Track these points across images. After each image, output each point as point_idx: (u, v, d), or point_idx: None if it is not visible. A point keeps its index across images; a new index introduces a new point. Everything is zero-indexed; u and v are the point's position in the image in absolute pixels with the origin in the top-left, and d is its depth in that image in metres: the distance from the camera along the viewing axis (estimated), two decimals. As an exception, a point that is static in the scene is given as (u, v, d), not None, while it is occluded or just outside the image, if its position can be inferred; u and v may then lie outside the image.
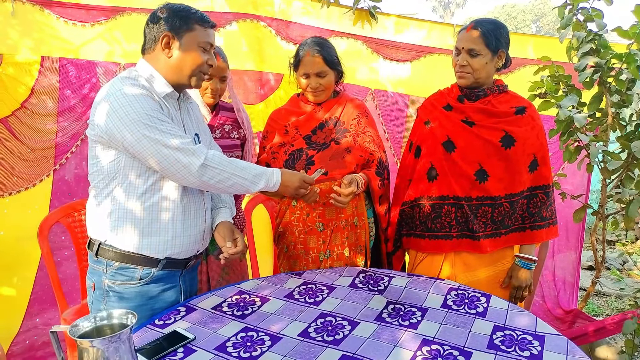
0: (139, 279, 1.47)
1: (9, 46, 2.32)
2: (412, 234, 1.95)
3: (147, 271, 1.47)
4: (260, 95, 2.99)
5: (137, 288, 1.48)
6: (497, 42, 1.77)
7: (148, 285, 1.49)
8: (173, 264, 1.52)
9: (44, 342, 2.49)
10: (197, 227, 1.55)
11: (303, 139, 1.93)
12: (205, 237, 1.61)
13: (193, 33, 1.46)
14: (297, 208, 1.90)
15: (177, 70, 1.48)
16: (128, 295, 1.47)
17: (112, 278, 1.47)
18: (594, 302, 3.79)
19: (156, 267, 1.48)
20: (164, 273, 1.51)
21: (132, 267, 1.47)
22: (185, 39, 1.46)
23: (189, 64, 1.47)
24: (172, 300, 1.55)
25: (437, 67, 3.08)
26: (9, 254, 2.40)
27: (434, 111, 1.95)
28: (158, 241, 1.47)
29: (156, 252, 1.47)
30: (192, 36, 1.46)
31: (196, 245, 1.57)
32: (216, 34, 2.72)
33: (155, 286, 1.50)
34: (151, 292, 1.50)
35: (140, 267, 1.47)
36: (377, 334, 1.29)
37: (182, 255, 1.53)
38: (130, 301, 1.47)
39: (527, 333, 1.27)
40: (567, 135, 2.18)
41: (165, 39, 1.45)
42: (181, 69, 1.48)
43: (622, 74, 2.12)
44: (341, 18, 2.99)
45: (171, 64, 1.48)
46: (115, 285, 1.47)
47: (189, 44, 1.46)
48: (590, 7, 2.18)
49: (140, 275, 1.47)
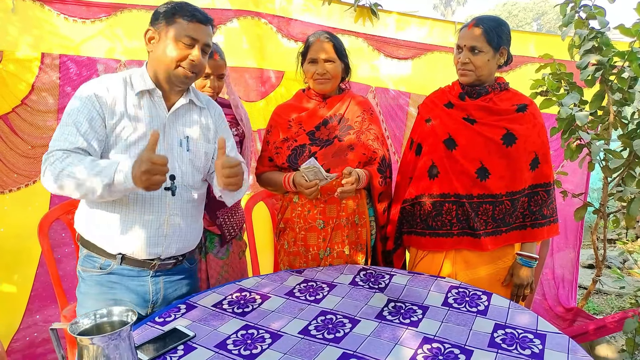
0: (100, 268, 1.50)
1: (9, 43, 2.31)
2: (412, 232, 1.95)
3: (108, 262, 1.50)
4: (261, 92, 2.98)
5: (99, 277, 1.51)
6: (498, 39, 1.76)
7: (109, 276, 1.51)
8: (133, 262, 1.50)
9: (44, 339, 2.48)
10: (152, 230, 1.48)
11: (307, 134, 1.92)
12: (169, 243, 1.53)
13: (174, 26, 1.44)
14: (298, 204, 1.90)
15: (157, 64, 1.47)
16: (90, 282, 1.52)
17: (81, 264, 1.54)
18: (594, 301, 3.79)
19: (115, 260, 1.49)
20: (126, 269, 1.51)
21: (95, 255, 1.51)
22: (166, 32, 1.44)
23: (166, 57, 1.44)
24: (133, 297, 1.52)
25: (438, 64, 3.08)
26: (9, 251, 2.39)
27: (435, 109, 1.94)
28: (112, 237, 1.47)
29: (110, 247, 1.48)
30: (172, 29, 1.44)
31: (154, 248, 1.50)
32: (217, 31, 2.74)
33: (118, 278, 1.51)
34: (112, 283, 1.51)
35: (102, 257, 1.50)
36: (378, 332, 1.29)
37: (138, 256, 1.49)
38: (92, 287, 1.51)
39: (528, 331, 1.27)
40: (568, 133, 2.18)
41: (148, 32, 1.46)
42: (159, 62, 1.46)
43: (624, 72, 2.11)
44: (342, 15, 2.99)
45: (152, 58, 1.48)
46: (82, 271, 1.54)
47: (167, 38, 1.44)
48: (592, 5, 2.17)
49: (101, 265, 1.50)
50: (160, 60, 1.46)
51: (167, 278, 1.59)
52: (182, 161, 1.55)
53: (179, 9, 1.45)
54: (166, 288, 1.59)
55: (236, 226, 2.15)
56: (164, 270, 1.57)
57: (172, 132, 1.54)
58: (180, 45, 1.44)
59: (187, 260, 1.67)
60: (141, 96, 1.49)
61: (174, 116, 1.55)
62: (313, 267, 1.83)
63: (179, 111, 1.57)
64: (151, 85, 1.48)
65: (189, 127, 1.59)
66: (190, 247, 1.63)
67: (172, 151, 1.52)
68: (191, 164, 1.57)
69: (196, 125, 1.61)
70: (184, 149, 1.55)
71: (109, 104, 1.42)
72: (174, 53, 1.44)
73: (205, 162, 1.63)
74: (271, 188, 2.03)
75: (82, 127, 1.37)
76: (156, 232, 1.49)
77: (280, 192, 2.01)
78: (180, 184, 1.53)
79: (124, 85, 1.47)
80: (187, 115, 1.59)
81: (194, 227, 1.63)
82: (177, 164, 1.53)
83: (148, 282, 1.54)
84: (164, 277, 1.58)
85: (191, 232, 1.60)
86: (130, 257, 1.49)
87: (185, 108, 1.59)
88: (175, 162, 1.52)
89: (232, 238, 2.12)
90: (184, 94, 1.58)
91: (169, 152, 1.52)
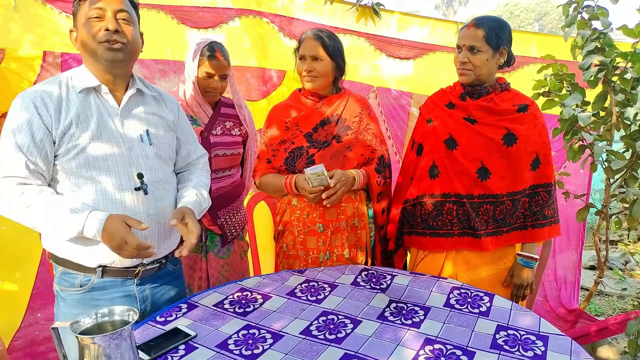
0: (80, 286, 1.39)
1: (12, 41, 2.31)
2: (413, 232, 1.95)
3: (87, 278, 1.39)
4: (263, 92, 2.98)
5: (79, 295, 1.39)
6: (497, 39, 1.76)
7: (91, 293, 1.39)
8: (115, 272, 1.40)
9: (45, 337, 2.49)
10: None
11: (304, 136, 1.90)
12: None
13: (79, 12, 1.34)
14: (297, 208, 1.88)
15: (84, 57, 1.38)
16: (71, 302, 1.40)
17: (58, 283, 1.43)
18: (596, 302, 3.78)
19: (95, 273, 1.38)
20: (108, 281, 1.40)
21: (72, 272, 1.39)
22: (77, 20, 1.36)
23: (85, 43, 1.34)
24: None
25: (440, 64, 3.07)
26: (11, 248, 2.39)
27: (436, 109, 1.94)
28: (87, 248, 1.35)
29: (87, 260, 1.37)
30: (79, 15, 1.34)
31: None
32: (218, 30, 2.74)
33: (101, 294, 1.40)
34: (95, 301, 1.39)
35: (80, 273, 1.38)
36: (380, 333, 1.29)
37: (120, 265, 1.39)
38: (74, 308, 1.40)
39: (530, 333, 1.27)
40: (571, 134, 2.18)
41: (71, 33, 1.39)
42: (84, 53, 1.37)
43: (627, 72, 2.11)
44: (344, 15, 2.98)
45: (81, 53, 1.39)
46: (60, 290, 1.43)
47: (80, 23, 1.35)
48: (595, 5, 2.17)
49: (80, 281, 1.39)
50: (84, 50, 1.36)
51: (153, 284, 1.51)
52: (147, 157, 1.45)
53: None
54: (153, 294, 1.51)
55: (238, 226, 2.14)
56: (148, 276, 1.49)
57: (130, 128, 1.43)
58: (92, 22, 1.33)
59: (170, 262, 1.58)
60: (86, 94, 1.38)
61: (126, 110, 1.44)
62: (314, 267, 1.83)
63: (131, 104, 1.46)
64: (95, 81, 1.38)
65: (146, 119, 1.49)
66: (172, 245, 1.54)
67: (133, 149, 1.42)
68: (157, 157, 1.48)
69: (153, 116, 1.51)
70: (146, 143, 1.45)
71: (51, 112, 1.31)
72: (87, 34, 1.33)
73: (170, 153, 1.55)
74: (270, 191, 1.98)
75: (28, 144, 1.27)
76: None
77: (279, 195, 1.96)
78: (151, 181, 1.43)
79: (65, 88, 1.36)
80: (141, 107, 1.49)
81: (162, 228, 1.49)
82: (142, 161, 1.43)
83: (134, 291, 1.45)
84: (150, 284, 1.50)
85: (170, 229, 1.49)
86: (111, 267, 1.39)
87: (136, 99, 1.48)
88: (140, 158, 1.42)
89: (233, 238, 2.12)
90: (130, 84, 1.47)
91: (130, 150, 1.41)
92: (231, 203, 2.12)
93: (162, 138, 1.52)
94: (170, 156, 1.57)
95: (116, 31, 1.34)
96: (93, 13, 1.32)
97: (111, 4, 1.34)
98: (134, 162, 1.42)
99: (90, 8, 1.33)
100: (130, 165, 1.40)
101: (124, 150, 1.40)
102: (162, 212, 1.47)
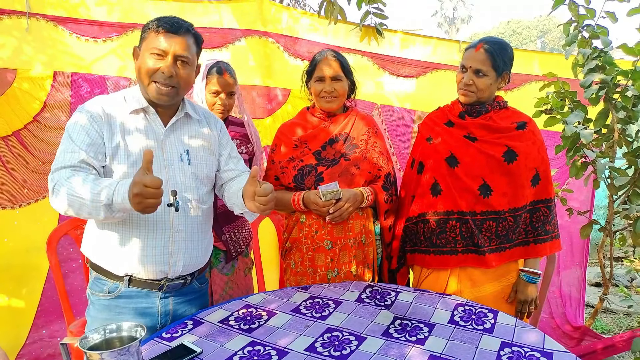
0: (107, 292, 1.47)
1: (24, 62, 2.37)
2: (416, 250, 1.95)
3: (115, 285, 1.47)
4: (268, 110, 3.02)
5: (106, 301, 1.48)
6: (503, 65, 1.79)
7: (117, 300, 1.47)
8: (141, 283, 1.47)
9: (50, 355, 2.49)
10: (157, 249, 1.45)
11: (312, 154, 1.93)
12: (175, 261, 1.49)
13: (146, 41, 1.43)
14: (305, 225, 1.89)
15: (138, 82, 1.46)
16: (99, 306, 1.49)
17: (91, 287, 1.53)
18: (602, 320, 3.74)
19: (122, 282, 1.46)
20: (134, 291, 1.47)
21: (103, 278, 1.48)
22: (140, 47, 1.45)
23: (139, 73, 1.43)
24: (141, 321, 1.35)
25: (442, 83, 3.11)
26: (18, 265, 2.41)
27: (436, 127, 1.96)
28: (117, 257, 1.44)
29: (115, 268, 1.45)
30: (144, 43, 1.43)
31: (160, 267, 1.46)
32: (225, 49, 2.79)
33: (125, 302, 1.47)
34: (119, 308, 1.47)
35: (110, 280, 1.47)
36: (384, 350, 1.29)
37: (144, 276, 1.46)
38: (101, 312, 1.49)
39: (535, 350, 1.27)
40: (573, 151, 2.19)
41: (135, 51, 1.48)
42: (138, 79, 1.46)
43: (628, 90, 2.13)
44: (348, 34, 3.04)
45: (135, 74, 1.48)
46: (91, 294, 1.52)
47: (141, 53, 1.44)
48: (595, 25, 2.20)
49: (108, 288, 1.47)
50: (138, 76, 1.45)
51: (177, 299, 1.56)
52: (184, 175, 1.51)
53: (151, 21, 1.42)
54: (175, 309, 1.56)
55: (242, 243, 2.15)
56: (173, 291, 1.54)
57: (171, 148, 1.51)
58: (151, 59, 1.41)
59: (196, 280, 1.63)
60: (136, 114, 1.47)
61: (171, 131, 1.52)
62: (319, 284, 1.83)
63: (176, 125, 1.54)
64: (144, 103, 1.46)
65: (189, 140, 1.56)
66: (198, 264, 1.59)
67: (172, 166, 1.49)
68: (194, 177, 1.54)
69: (196, 137, 1.58)
70: (185, 162, 1.52)
71: (106, 125, 1.40)
72: (144, 67, 1.42)
73: (208, 173, 1.60)
74: (277, 207, 1.99)
75: (83, 142, 1.36)
76: (162, 250, 1.46)
77: (286, 212, 1.98)
78: (184, 198, 1.50)
79: (121, 105, 1.46)
80: (186, 129, 1.57)
81: (202, 243, 1.58)
82: (179, 179, 1.50)
83: (157, 304, 1.51)
84: (174, 297, 1.55)
85: (198, 248, 1.56)
86: (137, 278, 1.46)
87: (182, 122, 1.56)
88: (177, 176, 1.50)
89: (238, 255, 2.13)
90: (179, 108, 1.55)
91: (169, 167, 1.48)
92: (236, 219, 2.13)
93: (202, 159, 1.58)
94: (209, 176, 1.61)
95: (170, 76, 1.41)
96: (156, 50, 1.40)
97: (175, 48, 1.41)
98: (170, 180, 1.48)
99: (154, 43, 1.40)
100: (167, 182, 1.46)
101: (162, 168, 1.47)
102: (192, 230, 1.53)
